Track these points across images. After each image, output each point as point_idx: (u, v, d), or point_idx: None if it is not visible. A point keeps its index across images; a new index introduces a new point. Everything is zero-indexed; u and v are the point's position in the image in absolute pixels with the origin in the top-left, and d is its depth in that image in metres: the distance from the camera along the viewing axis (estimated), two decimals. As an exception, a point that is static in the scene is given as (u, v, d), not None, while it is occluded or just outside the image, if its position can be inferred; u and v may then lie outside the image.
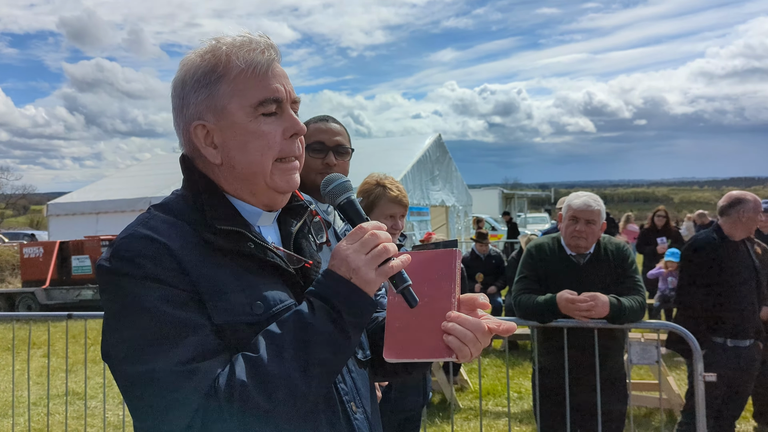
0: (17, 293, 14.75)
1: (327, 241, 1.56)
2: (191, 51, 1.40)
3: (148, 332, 1.18)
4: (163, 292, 1.21)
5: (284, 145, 1.36)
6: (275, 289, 1.33)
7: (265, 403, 1.15)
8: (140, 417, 1.20)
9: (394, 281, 1.29)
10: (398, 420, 3.20)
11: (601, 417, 3.63)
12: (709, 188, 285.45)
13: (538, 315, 3.61)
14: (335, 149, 2.67)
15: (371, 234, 1.27)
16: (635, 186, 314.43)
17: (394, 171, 16.06)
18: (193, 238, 1.29)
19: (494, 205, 33.98)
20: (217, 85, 1.34)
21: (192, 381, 1.16)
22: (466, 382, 7.38)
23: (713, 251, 4.36)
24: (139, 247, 1.24)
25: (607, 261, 3.69)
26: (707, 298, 4.26)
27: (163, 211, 1.34)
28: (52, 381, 7.78)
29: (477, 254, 9.97)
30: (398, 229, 3.20)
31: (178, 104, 1.39)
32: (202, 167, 1.40)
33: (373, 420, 1.46)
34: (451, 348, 1.29)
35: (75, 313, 4.66)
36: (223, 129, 1.35)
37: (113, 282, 1.23)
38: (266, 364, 1.17)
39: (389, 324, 1.36)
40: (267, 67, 1.35)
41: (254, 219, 1.41)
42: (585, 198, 3.73)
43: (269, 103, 1.34)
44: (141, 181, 19.26)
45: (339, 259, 1.27)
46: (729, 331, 3.47)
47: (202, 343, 1.20)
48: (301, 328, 1.21)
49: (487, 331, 1.30)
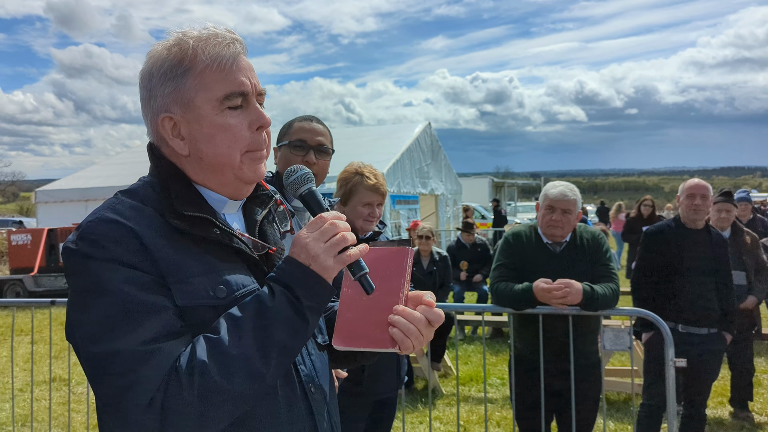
0: (5, 280, 14.72)
1: (291, 229, 1.61)
2: (157, 43, 1.43)
3: (111, 313, 1.22)
4: (128, 274, 1.24)
5: (252, 138, 1.40)
6: (238, 274, 1.37)
7: (225, 383, 1.19)
8: (103, 396, 1.23)
9: (352, 269, 1.35)
10: (371, 403, 3.25)
11: (576, 402, 3.69)
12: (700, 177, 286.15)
13: (514, 303, 3.66)
14: (316, 148, 2.80)
15: (330, 223, 1.33)
16: (626, 175, 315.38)
17: (384, 159, 16.05)
18: (158, 223, 1.32)
19: (484, 194, 34.02)
20: (183, 78, 1.36)
21: (154, 360, 1.19)
22: (450, 369, 7.46)
23: (663, 238, 4.43)
24: (105, 230, 1.27)
25: (583, 249, 3.74)
26: (657, 284, 4.32)
27: (130, 197, 1.37)
28: (38, 367, 7.81)
29: (462, 243, 10.02)
30: (375, 217, 3.25)
31: (145, 95, 1.41)
32: (169, 155, 1.43)
33: (330, 403, 1.52)
34: (395, 340, 1.37)
35: (59, 300, 4.68)
36: (189, 122, 1.38)
37: (79, 264, 1.26)
38: (226, 345, 1.22)
39: (341, 314, 1.43)
40: (232, 61, 1.37)
41: (220, 206, 1.44)
42: (561, 188, 3.78)
43: (235, 97, 1.37)
44: (131, 168, 19.13)
45: (299, 247, 1.32)
46: (680, 317, 3.51)
47: (164, 325, 1.24)
48: (261, 311, 1.25)
49: (428, 323, 1.38)
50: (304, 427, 1.41)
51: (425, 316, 1.38)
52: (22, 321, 10.70)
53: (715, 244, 4.39)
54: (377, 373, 3.15)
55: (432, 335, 1.42)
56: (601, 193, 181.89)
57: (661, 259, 4.36)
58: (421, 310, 1.39)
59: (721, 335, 4.34)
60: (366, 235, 3.27)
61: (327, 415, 1.48)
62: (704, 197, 4.36)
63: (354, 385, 2.98)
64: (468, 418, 5.92)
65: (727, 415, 5.87)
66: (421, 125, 20.08)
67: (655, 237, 4.48)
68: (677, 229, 4.43)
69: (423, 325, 1.37)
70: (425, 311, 1.39)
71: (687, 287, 4.28)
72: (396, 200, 16.67)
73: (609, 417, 5.76)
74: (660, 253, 4.38)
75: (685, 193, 4.43)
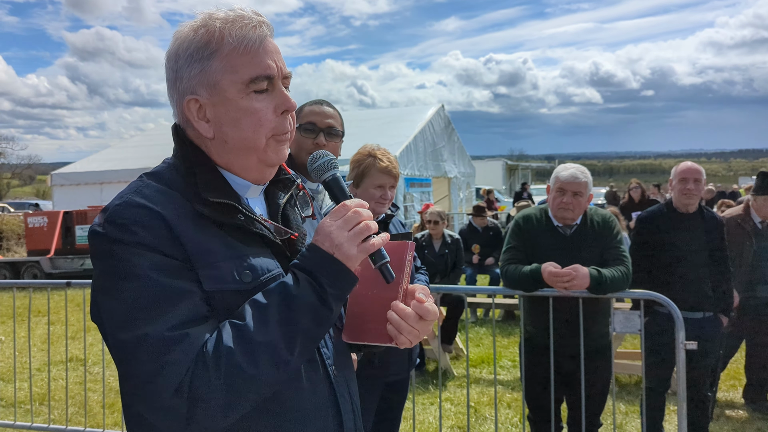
0: (22, 262, 14.92)
1: (312, 214, 1.62)
2: (184, 23, 1.42)
3: (139, 299, 1.22)
4: (155, 259, 1.24)
5: (277, 122, 1.40)
6: (263, 257, 1.38)
7: (250, 369, 1.21)
8: (130, 381, 1.24)
9: (373, 257, 1.37)
10: (383, 384, 3.28)
11: (586, 384, 3.71)
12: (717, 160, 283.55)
13: (524, 285, 3.66)
14: (326, 131, 2.85)
15: (354, 212, 1.34)
16: (642, 158, 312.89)
17: (397, 142, 16.01)
18: (184, 208, 1.32)
19: (498, 177, 33.91)
20: (209, 60, 1.36)
21: (181, 345, 1.20)
22: (461, 351, 7.49)
23: (654, 222, 4.41)
24: (132, 214, 1.27)
25: (593, 232, 3.73)
26: (651, 269, 4.29)
27: (156, 180, 1.37)
28: (55, 347, 7.93)
29: (474, 226, 10.04)
30: (387, 200, 3.25)
31: (171, 77, 1.41)
32: (194, 138, 1.43)
33: (351, 384, 1.55)
34: (390, 336, 1.42)
35: (74, 281, 4.76)
36: (215, 104, 1.37)
37: (106, 247, 1.26)
38: (252, 332, 1.23)
39: (349, 308, 1.48)
40: (259, 43, 1.37)
41: (243, 191, 1.45)
42: (572, 170, 3.76)
43: (261, 81, 1.36)
44: (145, 151, 19.24)
45: (323, 235, 1.33)
46: (674, 301, 3.50)
47: (191, 310, 1.25)
48: (285, 298, 1.27)
49: (420, 319, 1.42)
50: (328, 408, 1.43)
51: (416, 312, 1.41)
52: (39, 302, 10.86)
53: (708, 228, 4.33)
54: (388, 355, 3.18)
55: (428, 328, 1.46)
56: (617, 176, 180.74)
57: (654, 244, 4.33)
58: (413, 307, 1.42)
59: (717, 318, 4.32)
60: (378, 218, 3.28)
61: (349, 395, 1.51)
62: (697, 181, 4.32)
63: (365, 367, 3.01)
64: (479, 400, 5.95)
65: (738, 398, 5.86)
66: (435, 107, 20.00)
67: (648, 223, 4.45)
68: (669, 213, 4.39)
69: (414, 321, 1.41)
70: (416, 307, 1.41)
71: (680, 272, 4.24)
72: (410, 183, 16.65)
73: (619, 399, 5.78)
74: (653, 239, 4.35)
75: (678, 177, 4.39)
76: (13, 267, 14.87)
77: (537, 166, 52.50)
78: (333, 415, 1.44)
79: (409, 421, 4.92)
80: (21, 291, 10.93)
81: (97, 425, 5.27)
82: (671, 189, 4.46)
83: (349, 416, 1.49)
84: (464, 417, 5.44)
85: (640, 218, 4.57)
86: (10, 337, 8.96)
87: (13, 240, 19.44)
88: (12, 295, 5.19)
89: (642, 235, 4.45)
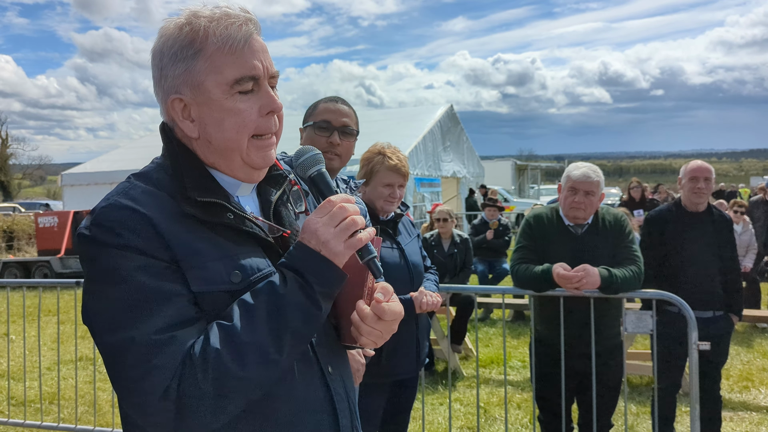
0: (33, 262, 15.03)
1: (305, 210, 1.59)
2: (169, 19, 1.39)
3: (126, 301, 1.21)
4: (142, 261, 1.23)
5: (260, 123, 1.37)
6: (254, 257, 1.36)
7: (239, 371, 1.19)
8: (119, 384, 1.23)
9: (360, 253, 1.34)
10: (390, 384, 3.26)
11: (597, 385, 3.67)
12: (728, 160, 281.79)
13: (535, 285, 3.63)
14: (341, 129, 2.74)
15: (339, 207, 1.31)
16: (652, 158, 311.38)
17: (406, 142, 15.99)
18: (172, 209, 1.30)
19: (507, 177, 33.80)
20: (193, 60, 1.33)
21: (168, 349, 1.19)
22: (471, 351, 7.46)
23: (661, 222, 4.36)
24: (118, 216, 1.25)
25: (605, 231, 3.70)
26: (660, 269, 4.24)
27: (144, 181, 1.36)
28: (65, 347, 7.95)
29: (486, 220, 10.31)
30: (396, 198, 3.23)
31: (156, 74, 1.39)
32: (181, 137, 1.41)
33: (347, 382, 1.52)
34: (354, 337, 1.41)
35: (83, 281, 4.76)
36: (199, 104, 1.35)
37: (92, 250, 1.26)
38: (240, 332, 1.21)
39: (333, 308, 1.44)
40: (244, 43, 1.34)
41: (233, 189, 1.43)
42: (584, 169, 3.73)
43: (246, 81, 1.34)
44: (154, 152, 18.69)
45: (309, 232, 1.31)
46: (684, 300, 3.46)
47: (179, 312, 1.23)
48: (273, 298, 1.25)
49: (378, 319, 1.39)
50: (323, 407, 1.40)
51: (374, 312, 1.38)
52: (50, 302, 10.90)
53: (717, 227, 4.29)
54: (394, 354, 3.15)
55: (393, 328, 1.42)
56: (627, 176, 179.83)
57: (663, 243, 4.29)
58: (371, 307, 1.39)
59: (727, 317, 4.27)
60: (387, 217, 3.25)
61: (345, 394, 1.48)
62: (707, 180, 4.28)
63: (373, 366, 2.99)
64: (488, 400, 5.92)
65: (751, 399, 5.80)
66: (443, 108, 19.96)
67: (656, 222, 4.41)
68: (678, 212, 4.35)
69: (373, 322, 1.38)
70: (373, 307, 1.39)
71: (690, 271, 4.20)
72: (420, 183, 16.62)
73: (630, 400, 5.73)
74: (662, 238, 4.31)
75: (688, 176, 4.33)
76: (24, 266, 14.98)
77: (546, 166, 52.35)
78: (328, 414, 1.41)
79: (418, 422, 4.90)
80: (31, 290, 10.97)
81: (106, 424, 5.27)
82: (680, 188, 4.42)
83: (345, 415, 1.46)
84: (474, 418, 5.41)
85: (649, 218, 4.53)
86: (21, 337, 9.00)
87: (24, 240, 19.56)
88: (22, 295, 5.19)
89: (651, 235, 4.41)
